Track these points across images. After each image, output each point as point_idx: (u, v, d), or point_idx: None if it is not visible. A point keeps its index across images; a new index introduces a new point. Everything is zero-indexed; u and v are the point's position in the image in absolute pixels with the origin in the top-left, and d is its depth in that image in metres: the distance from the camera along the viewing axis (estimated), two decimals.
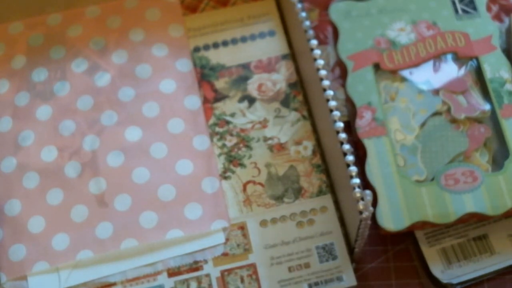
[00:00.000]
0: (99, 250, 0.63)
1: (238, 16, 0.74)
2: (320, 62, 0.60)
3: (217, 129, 0.68)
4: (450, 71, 0.67)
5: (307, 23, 0.62)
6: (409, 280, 0.62)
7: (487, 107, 0.65)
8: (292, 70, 0.71)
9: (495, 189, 0.61)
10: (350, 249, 0.62)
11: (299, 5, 0.64)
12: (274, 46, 0.72)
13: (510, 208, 0.60)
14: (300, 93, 0.70)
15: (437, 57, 0.68)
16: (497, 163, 0.63)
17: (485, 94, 0.66)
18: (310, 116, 0.69)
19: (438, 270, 0.62)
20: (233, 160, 0.67)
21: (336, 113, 0.58)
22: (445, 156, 0.63)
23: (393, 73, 0.67)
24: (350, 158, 0.56)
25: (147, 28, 0.73)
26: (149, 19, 0.73)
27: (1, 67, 0.72)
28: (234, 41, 0.73)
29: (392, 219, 0.60)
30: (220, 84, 0.71)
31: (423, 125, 0.65)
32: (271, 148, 0.67)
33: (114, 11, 0.74)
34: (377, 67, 0.67)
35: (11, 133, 0.68)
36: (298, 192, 0.65)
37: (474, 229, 0.63)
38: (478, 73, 0.67)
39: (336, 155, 0.60)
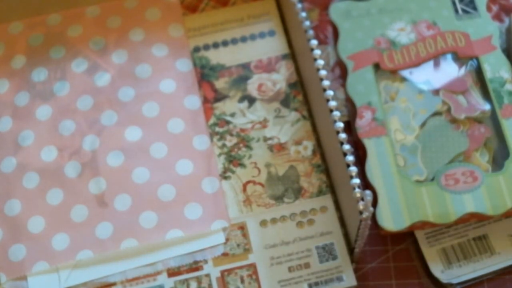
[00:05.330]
0: (99, 250, 0.63)
1: (238, 16, 0.74)
2: (320, 62, 0.60)
3: (217, 129, 0.68)
4: (450, 71, 0.67)
5: (307, 23, 0.62)
6: (409, 280, 0.62)
7: (487, 107, 0.65)
8: (292, 70, 0.71)
9: (495, 189, 0.61)
10: (350, 249, 0.62)
11: (299, 5, 0.63)
12: (274, 46, 0.72)
13: (510, 208, 0.60)
14: (300, 93, 0.70)
15: (437, 57, 0.68)
16: (497, 163, 0.63)
17: (485, 94, 0.66)
18: (310, 116, 0.69)
19: (438, 270, 0.62)
20: (233, 160, 0.67)
21: (336, 113, 0.58)
22: (445, 156, 0.63)
23: (393, 73, 0.67)
24: (350, 158, 0.56)
25: (147, 28, 0.73)
26: (149, 19, 0.73)
27: (1, 67, 0.71)
28: (234, 41, 0.73)
29: (392, 219, 0.60)
30: (220, 84, 0.71)
31: (423, 125, 0.65)
32: (271, 148, 0.67)
33: (114, 11, 0.74)
34: (377, 67, 0.67)
35: (11, 133, 0.68)
36: (298, 192, 0.65)
37: (474, 229, 0.63)
38: (478, 73, 0.67)
39: (336, 155, 0.60)
